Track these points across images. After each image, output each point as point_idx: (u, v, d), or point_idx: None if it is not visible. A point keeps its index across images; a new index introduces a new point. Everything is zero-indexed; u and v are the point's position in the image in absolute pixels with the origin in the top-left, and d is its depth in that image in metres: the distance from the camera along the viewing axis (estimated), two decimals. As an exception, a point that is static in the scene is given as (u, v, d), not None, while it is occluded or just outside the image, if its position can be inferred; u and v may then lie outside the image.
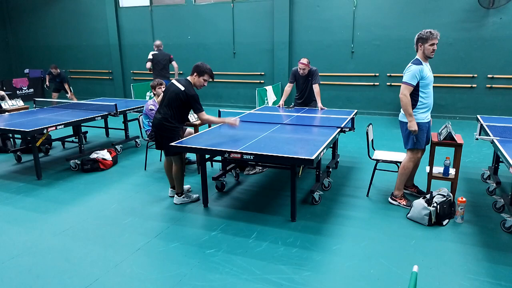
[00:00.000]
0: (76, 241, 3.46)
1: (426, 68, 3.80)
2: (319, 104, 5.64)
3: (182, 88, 3.94)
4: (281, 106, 5.89)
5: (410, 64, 3.82)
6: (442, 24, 8.32)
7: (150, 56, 8.26)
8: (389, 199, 4.17)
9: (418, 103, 3.83)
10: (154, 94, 5.26)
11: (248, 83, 10.41)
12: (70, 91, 9.54)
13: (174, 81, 4.09)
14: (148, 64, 8.19)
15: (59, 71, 9.31)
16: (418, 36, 3.80)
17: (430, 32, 3.73)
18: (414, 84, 3.74)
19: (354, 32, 9.06)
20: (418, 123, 3.84)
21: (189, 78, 4.07)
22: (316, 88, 5.57)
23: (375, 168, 4.35)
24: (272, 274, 2.92)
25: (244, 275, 2.92)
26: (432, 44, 3.73)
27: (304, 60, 5.48)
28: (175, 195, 4.27)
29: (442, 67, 8.53)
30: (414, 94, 3.80)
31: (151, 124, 4.73)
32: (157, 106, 4.46)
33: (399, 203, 4.08)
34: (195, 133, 5.06)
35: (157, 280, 2.87)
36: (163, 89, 4.85)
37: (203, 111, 4.01)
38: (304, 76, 5.58)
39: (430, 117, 3.97)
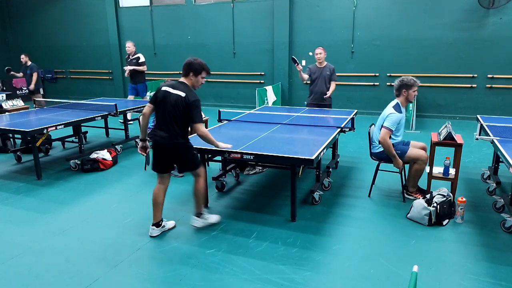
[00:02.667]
0: (76, 241, 3.46)
1: (404, 114, 4.16)
2: (328, 92, 5.85)
3: (183, 94, 3.26)
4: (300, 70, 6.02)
5: (392, 110, 4.06)
6: (442, 24, 8.32)
7: (143, 59, 8.22)
8: (405, 195, 4.29)
9: (391, 141, 4.12)
10: None
11: (248, 83, 10.41)
12: (37, 89, 8.70)
13: (167, 88, 3.33)
14: (145, 67, 8.22)
15: (29, 61, 8.67)
16: (402, 83, 4.07)
17: (414, 79, 4.06)
18: (394, 129, 4.03)
19: (354, 32, 9.06)
20: (394, 146, 4.08)
21: (183, 80, 3.39)
22: (333, 85, 5.90)
23: (377, 169, 4.35)
24: (272, 274, 2.92)
25: (244, 275, 2.92)
26: (415, 90, 4.09)
27: (319, 49, 5.87)
28: (195, 217, 3.64)
29: (442, 67, 8.53)
30: None
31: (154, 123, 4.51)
32: None
33: (415, 197, 4.22)
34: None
35: (157, 280, 2.87)
36: None
37: (203, 123, 3.38)
38: (320, 68, 5.90)
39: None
